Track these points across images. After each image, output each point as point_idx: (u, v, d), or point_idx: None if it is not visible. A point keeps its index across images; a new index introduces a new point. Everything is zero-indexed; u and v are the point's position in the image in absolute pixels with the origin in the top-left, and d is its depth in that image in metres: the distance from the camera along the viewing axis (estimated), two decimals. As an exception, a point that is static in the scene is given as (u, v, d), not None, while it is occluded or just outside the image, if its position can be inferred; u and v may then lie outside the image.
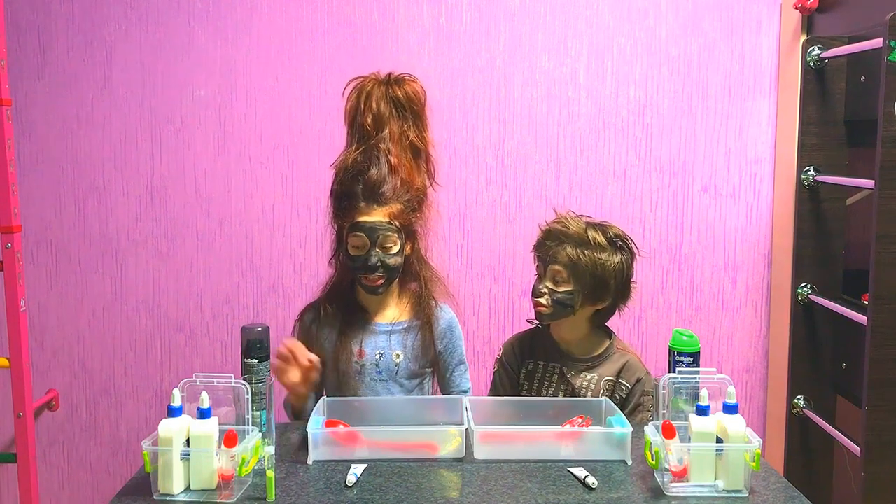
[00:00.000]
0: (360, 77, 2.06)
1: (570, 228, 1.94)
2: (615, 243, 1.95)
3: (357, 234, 1.94)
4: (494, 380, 2.10)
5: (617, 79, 2.62)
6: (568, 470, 1.63)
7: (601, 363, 2.00)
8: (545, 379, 2.01)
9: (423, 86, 2.05)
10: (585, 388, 1.98)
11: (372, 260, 1.93)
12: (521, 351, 2.07)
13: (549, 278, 1.95)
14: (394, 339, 2.03)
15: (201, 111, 2.63)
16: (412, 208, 2.00)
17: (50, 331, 2.71)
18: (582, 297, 1.93)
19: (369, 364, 2.01)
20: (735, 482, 1.53)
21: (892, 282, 1.99)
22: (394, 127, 2.01)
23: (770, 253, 2.65)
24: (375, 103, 2.00)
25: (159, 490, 1.52)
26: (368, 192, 1.94)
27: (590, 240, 1.92)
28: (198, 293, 2.69)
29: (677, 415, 1.61)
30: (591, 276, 1.92)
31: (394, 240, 1.95)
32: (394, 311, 2.06)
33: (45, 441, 2.74)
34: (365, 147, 1.99)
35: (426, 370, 2.08)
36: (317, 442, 1.68)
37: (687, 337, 1.74)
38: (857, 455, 2.08)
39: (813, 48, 2.38)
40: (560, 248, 1.93)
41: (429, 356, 2.06)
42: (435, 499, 1.52)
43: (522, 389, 2.03)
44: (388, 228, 1.94)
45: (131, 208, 2.67)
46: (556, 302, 1.93)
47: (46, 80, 2.63)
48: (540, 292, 1.95)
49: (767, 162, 2.63)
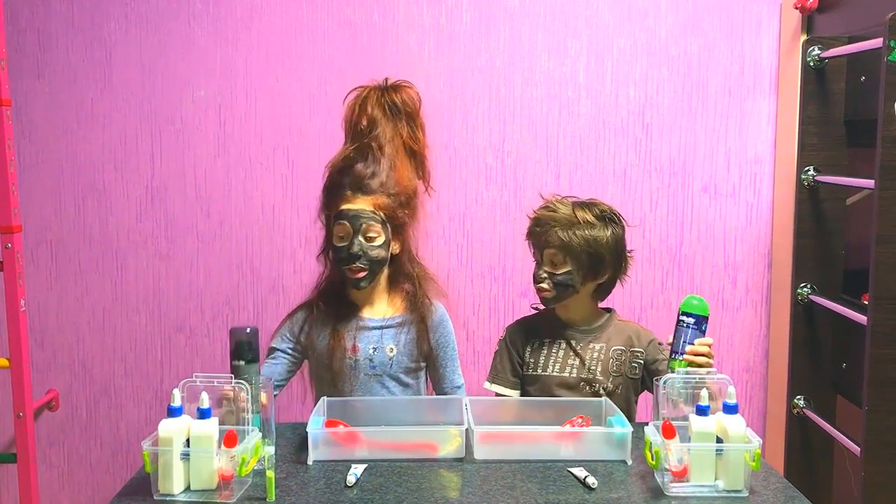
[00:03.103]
0: (360, 87, 2.10)
1: (559, 212, 1.99)
2: (604, 218, 2.00)
3: (341, 223, 1.97)
4: (494, 360, 2.12)
5: (617, 79, 2.62)
6: (568, 470, 1.63)
7: (604, 332, 2.04)
8: (551, 354, 2.04)
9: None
10: (596, 358, 2.01)
11: (354, 248, 1.95)
12: (525, 332, 2.10)
13: (546, 262, 1.99)
14: (387, 334, 2.05)
15: (201, 111, 2.63)
16: (399, 203, 2.02)
17: (50, 331, 2.71)
18: (581, 275, 1.98)
19: (363, 359, 2.02)
20: (735, 482, 1.53)
21: (892, 282, 1.99)
22: (387, 128, 2.05)
23: (770, 253, 2.65)
24: (371, 107, 2.06)
25: (159, 490, 1.52)
26: (355, 183, 1.98)
27: (579, 220, 1.97)
28: (198, 293, 2.69)
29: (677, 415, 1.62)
30: (586, 253, 1.96)
31: (377, 230, 1.97)
32: (385, 307, 2.08)
33: (45, 441, 2.74)
34: (358, 144, 2.04)
35: (420, 364, 2.10)
36: (317, 442, 1.69)
37: (696, 301, 1.81)
38: (857, 455, 2.08)
39: (813, 48, 2.38)
40: (551, 231, 1.97)
41: (423, 351, 2.08)
42: (435, 499, 1.52)
43: (528, 368, 2.05)
44: (372, 217, 1.96)
45: (131, 208, 2.67)
46: (557, 284, 1.98)
47: (46, 80, 2.63)
48: (540, 277, 2.00)
49: (767, 162, 2.63)
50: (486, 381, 2.10)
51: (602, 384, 1.99)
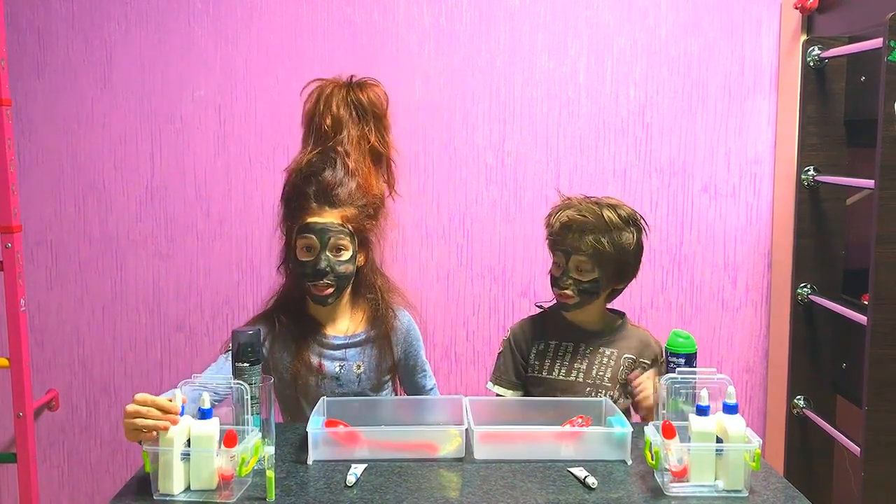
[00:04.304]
0: (319, 79, 2.01)
1: (588, 217, 1.91)
2: (629, 222, 1.95)
3: (306, 236, 1.85)
4: (497, 361, 2.08)
5: (617, 79, 2.62)
6: (568, 470, 1.63)
7: (618, 339, 2.01)
8: (557, 357, 2.00)
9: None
10: (605, 364, 1.98)
11: (321, 264, 1.84)
12: (531, 332, 2.05)
13: (572, 269, 1.93)
14: (352, 352, 1.97)
15: (201, 111, 2.63)
16: (367, 214, 1.92)
17: (50, 331, 2.71)
18: (606, 281, 1.95)
19: (329, 378, 1.95)
20: (735, 482, 1.53)
21: (891, 282, 1.99)
22: (353, 130, 1.94)
23: (770, 253, 2.65)
24: (336, 106, 1.94)
25: (159, 490, 1.52)
26: (321, 194, 1.86)
27: (608, 223, 1.91)
28: (198, 293, 2.69)
29: (677, 415, 1.62)
30: (615, 261, 1.93)
31: (346, 244, 1.87)
32: (348, 323, 1.99)
33: (45, 441, 2.74)
34: (322, 149, 1.92)
35: (387, 378, 2.04)
36: (317, 442, 1.68)
37: (683, 338, 1.73)
38: (857, 455, 2.08)
39: (813, 48, 2.38)
40: (582, 238, 1.90)
41: (390, 365, 2.02)
42: (435, 499, 1.52)
43: (533, 370, 2.02)
44: (340, 231, 1.86)
45: (131, 208, 2.67)
46: (581, 291, 1.93)
47: (46, 79, 2.63)
48: (565, 284, 1.93)
49: (767, 162, 2.63)
50: (489, 382, 2.07)
51: (609, 391, 1.97)
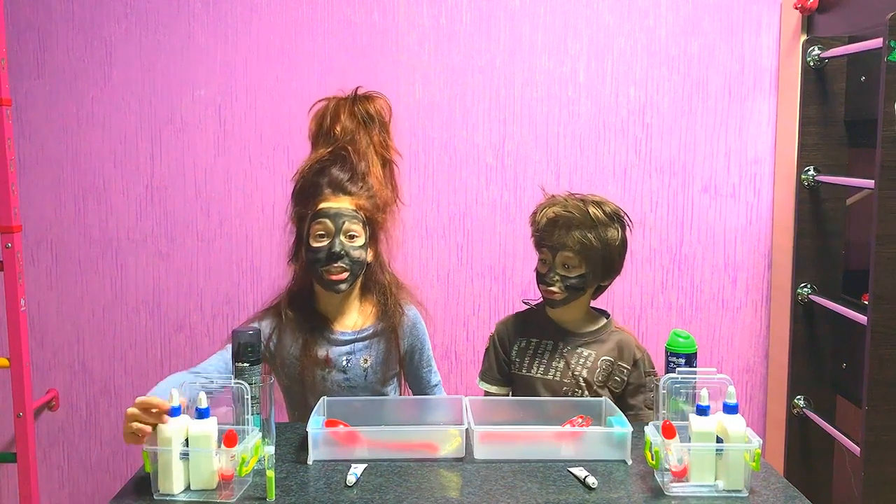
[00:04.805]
0: (325, 98, 2.05)
1: (574, 213, 1.92)
2: (613, 218, 1.95)
3: (321, 221, 1.88)
4: (484, 358, 2.09)
5: (617, 79, 2.62)
6: (568, 470, 1.63)
7: (598, 340, 2.00)
8: (536, 355, 2.00)
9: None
10: (582, 364, 1.97)
11: (336, 247, 1.87)
12: (514, 329, 2.06)
13: (559, 265, 1.93)
14: (360, 346, 1.98)
15: (201, 111, 2.63)
16: (377, 206, 1.96)
17: (50, 331, 2.71)
18: (592, 278, 1.94)
19: (336, 372, 1.96)
20: (735, 482, 1.53)
21: (891, 282, 1.99)
22: (362, 136, 1.99)
23: (770, 253, 2.65)
24: (344, 117, 1.99)
25: (159, 490, 1.52)
26: (333, 183, 1.91)
27: (594, 219, 1.91)
28: (198, 293, 2.69)
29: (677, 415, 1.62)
30: (601, 257, 1.93)
31: (358, 231, 1.90)
32: (356, 318, 2.01)
33: (45, 441, 2.74)
34: (332, 148, 1.96)
35: (394, 372, 2.05)
36: (317, 442, 1.68)
37: (683, 338, 1.73)
38: (857, 455, 2.08)
39: (813, 48, 2.38)
40: (569, 234, 1.91)
41: (396, 360, 2.03)
42: (435, 499, 1.52)
43: (514, 367, 2.02)
44: (354, 216, 1.90)
45: (131, 208, 2.67)
46: (568, 287, 1.93)
47: (46, 79, 2.63)
48: (552, 280, 1.93)
49: (767, 162, 2.63)
50: (478, 378, 2.09)
51: (584, 391, 1.95)
